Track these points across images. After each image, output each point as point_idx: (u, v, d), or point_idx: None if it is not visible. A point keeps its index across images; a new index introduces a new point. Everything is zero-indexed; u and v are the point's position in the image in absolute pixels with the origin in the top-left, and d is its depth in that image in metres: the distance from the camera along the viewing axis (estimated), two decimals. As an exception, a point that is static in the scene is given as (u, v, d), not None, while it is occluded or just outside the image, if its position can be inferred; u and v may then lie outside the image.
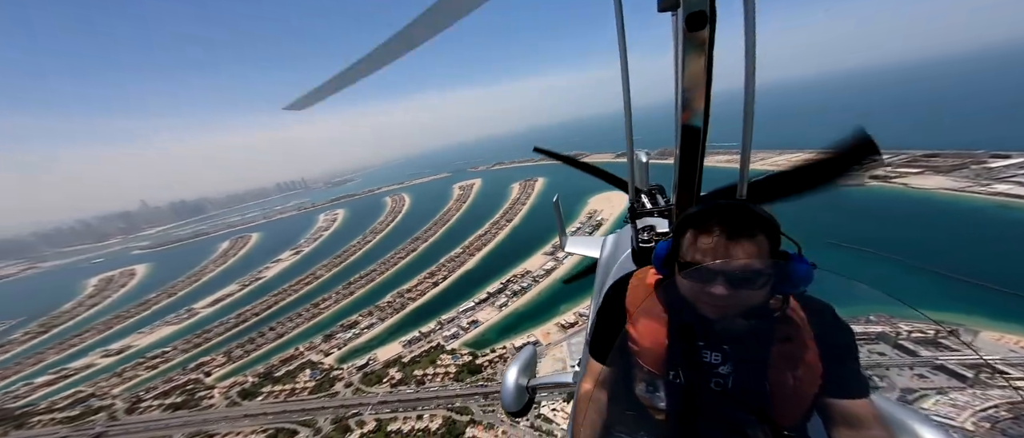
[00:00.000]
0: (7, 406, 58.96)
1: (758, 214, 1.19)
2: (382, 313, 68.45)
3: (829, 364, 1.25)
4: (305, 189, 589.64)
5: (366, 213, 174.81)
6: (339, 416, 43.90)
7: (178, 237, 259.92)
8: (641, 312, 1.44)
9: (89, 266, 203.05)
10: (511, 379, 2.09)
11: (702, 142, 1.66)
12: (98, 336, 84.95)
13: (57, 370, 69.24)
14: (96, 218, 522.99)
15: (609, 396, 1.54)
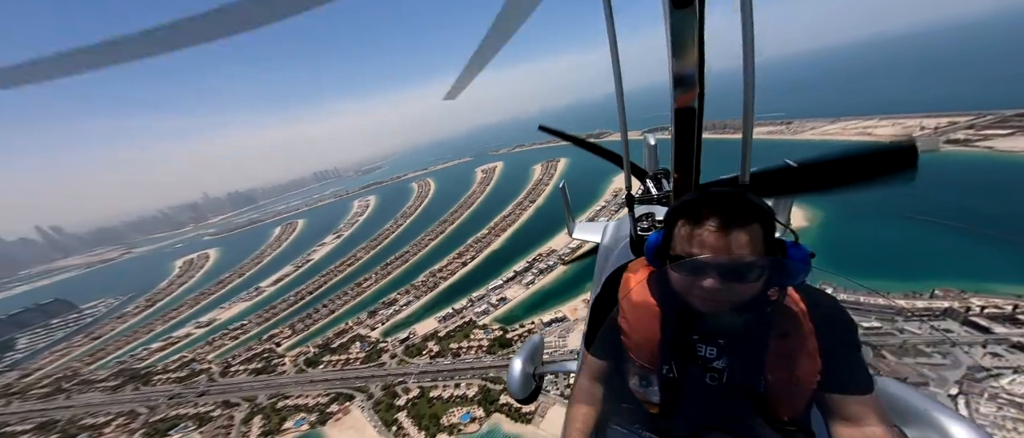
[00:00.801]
0: (134, 366, 73.83)
1: (752, 203, 1.13)
2: (417, 291, 74.34)
3: (829, 358, 1.21)
4: (338, 177, 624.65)
5: (395, 198, 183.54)
6: (387, 383, 49.81)
7: (238, 224, 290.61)
8: (633, 305, 1.43)
9: (172, 250, 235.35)
10: (517, 367, 2.11)
11: (698, 125, 1.60)
12: (190, 310, 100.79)
13: (165, 338, 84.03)
14: (171, 208, 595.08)
15: (604, 389, 1.56)
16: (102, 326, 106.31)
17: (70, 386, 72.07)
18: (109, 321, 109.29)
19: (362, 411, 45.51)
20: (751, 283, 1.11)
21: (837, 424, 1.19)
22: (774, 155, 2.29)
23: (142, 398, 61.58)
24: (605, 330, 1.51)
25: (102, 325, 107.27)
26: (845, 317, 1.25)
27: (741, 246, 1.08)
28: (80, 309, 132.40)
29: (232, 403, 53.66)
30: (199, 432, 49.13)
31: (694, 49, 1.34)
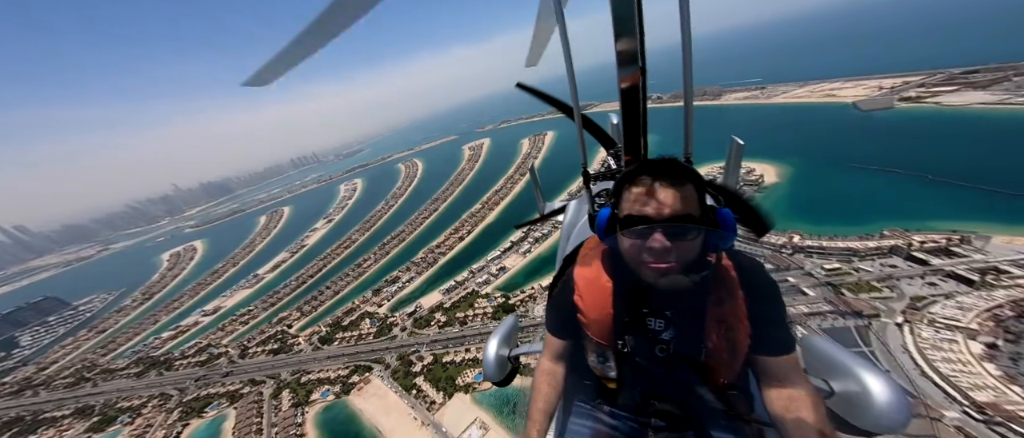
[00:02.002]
0: (151, 354, 76.68)
1: (685, 166, 1.23)
2: (418, 268, 78.07)
3: (758, 321, 1.30)
4: (318, 163, 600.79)
5: (383, 180, 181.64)
6: (402, 354, 54.34)
7: (219, 215, 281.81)
8: (587, 283, 1.48)
9: (154, 245, 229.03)
10: (492, 350, 2.06)
11: (642, 101, 1.65)
12: (191, 300, 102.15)
13: (174, 328, 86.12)
14: (140, 202, 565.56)
15: (565, 368, 1.62)
16: (104, 320, 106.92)
17: (93, 375, 74.85)
18: (110, 315, 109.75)
19: (382, 380, 49.77)
20: (691, 241, 1.19)
21: (766, 384, 1.31)
22: (746, 120, 3.77)
23: (169, 382, 65.13)
24: (562, 310, 1.55)
25: (103, 319, 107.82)
26: (770, 281, 1.36)
27: (679, 203, 1.16)
28: (74, 306, 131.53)
29: (258, 381, 58.00)
30: (233, 407, 53.61)
31: (636, 31, 1.41)
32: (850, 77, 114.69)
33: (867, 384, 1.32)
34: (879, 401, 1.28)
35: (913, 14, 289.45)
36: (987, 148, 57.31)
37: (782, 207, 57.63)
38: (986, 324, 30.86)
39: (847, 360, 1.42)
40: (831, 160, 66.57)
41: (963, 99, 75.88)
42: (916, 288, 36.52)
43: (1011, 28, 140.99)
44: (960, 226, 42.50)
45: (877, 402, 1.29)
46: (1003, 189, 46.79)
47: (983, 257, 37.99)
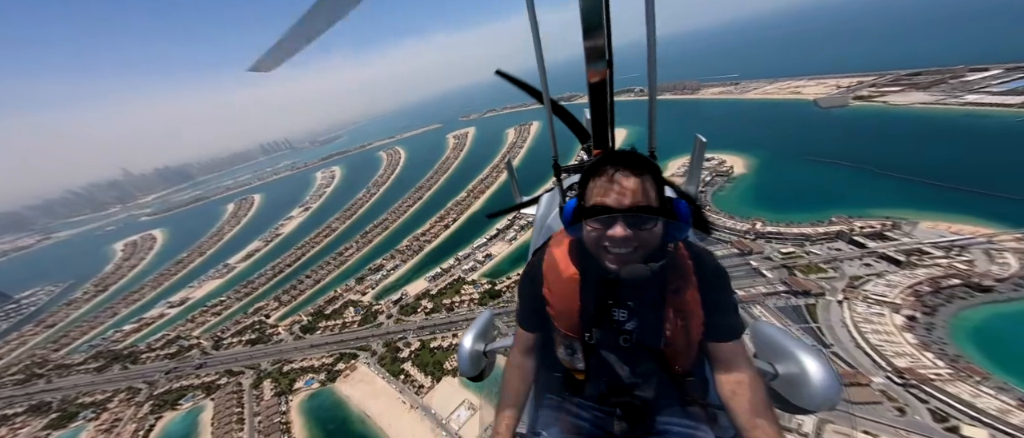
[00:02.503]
0: (112, 348, 71.88)
1: (646, 159, 1.30)
2: (403, 256, 77.45)
3: (710, 309, 1.37)
4: (291, 149, 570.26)
5: (363, 168, 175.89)
6: (388, 340, 54.41)
7: (179, 202, 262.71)
8: (556, 275, 1.51)
9: (104, 234, 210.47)
10: (467, 345, 2.05)
11: (609, 95, 1.72)
12: (154, 291, 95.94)
13: (137, 320, 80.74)
14: (84, 188, 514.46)
15: (535, 361, 1.66)
16: (52, 314, 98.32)
17: (45, 371, 69.40)
18: (58, 309, 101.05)
19: (368, 366, 49.65)
20: (651, 230, 1.25)
21: (717, 369, 1.40)
22: (720, 113, 4.48)
23: (135, 375, 61.61)
24: (532, 303, 1.59)
25: (51, 313, 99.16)
26: (721, 269, 1.43)
27: (639, 193, 1.23)
28: (16, 299, 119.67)
29: (235, 371, 56.27)
30: (210, 399, 51.94)
31: (603, 29, 1.46)
32: (814, 75, 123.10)
33: (806, 367, 1.43)
34: (815, 382, 1.39)
35: (883, 14, 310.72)
36: (922, 144, 64.36)
37: (748, 196, 61.78)
38: (908, 299, 35.21)
39: (790, 344, 1.55)
40: (792, 153, 72.21)
41: (906, 99, 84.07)
42: (855, 269, 40.86)
43: (963, 30, 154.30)
44: (894, 213, 47.76)
45: (813, 383, 1.39)
46: (932, 180, 52.95)
47: (910, 240, 42.96)
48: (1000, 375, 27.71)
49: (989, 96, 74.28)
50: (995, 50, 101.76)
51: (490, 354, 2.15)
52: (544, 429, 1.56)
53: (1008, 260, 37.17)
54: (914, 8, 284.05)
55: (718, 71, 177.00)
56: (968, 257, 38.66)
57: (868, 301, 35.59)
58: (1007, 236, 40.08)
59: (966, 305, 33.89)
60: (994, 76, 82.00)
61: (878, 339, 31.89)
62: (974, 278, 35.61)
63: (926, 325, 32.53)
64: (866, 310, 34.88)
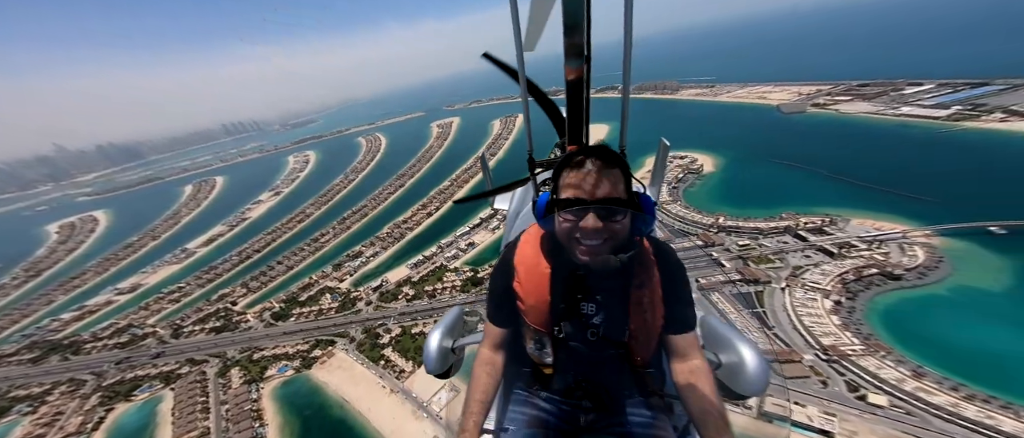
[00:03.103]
0: (49, 338, 64.64)
1: (615, 154, 1.37)
2: (383, 243, 75.46)
3: (669, 303, 1.44)
4: (259, 131, 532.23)
5: (341, 153, 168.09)
6: (368, 327, 53.11)
7: (126, 183, 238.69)
8: (527, 269, 1.53)
9: (34, 214, 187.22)
10: (434, 341, 1.97)
11: (585, 93, 1.73)
12: (98, 277, 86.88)
13: (78, 307, 72.93)
14: (7, 164, 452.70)
15: (504, 357, 1.64)
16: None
17: None
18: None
19: (347, 353, 48.22)
20: (620, 222, 1.30)
21: (672, 359, 1.47)
22: (695, 114, 5.10)
23: (79, 366, 55.87)
24: (502, 297, 1.60)
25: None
26: (680, 264, 1.49)
27: (609, 186, 1.28)
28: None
29: (198, 360, 52.78)
30: (170, 388, 48.43)
31: (584, 28, 1.47)
32: (780, 82, 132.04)
33: (744, 357, 1.54)
34: (751, 371, 1.51)
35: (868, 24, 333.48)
36: (861, 149, 71.87)
37: (715, 193, 66.25)
38: (836, 286, 39.70)
39: (732, 337, 1.64)
40: (755, 155, 77.86)
41: (854, 108, 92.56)
42: (797, 260, 45.38)
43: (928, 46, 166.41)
44: (832, 211, 53.33)
45: (750, 372, 1.51)
46: (864, 183, 59.51)
47: (843, 235, 48.31)
48: (900, 350, 32.03)
49: (919, 109, 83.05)
50: (942, 66, 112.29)
51: (458, 350, 2.08)
52: (511, 424, 1.60)
53: (916, 253, 42.58)
54: (893, 22, 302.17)
55: (697, 73, 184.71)
56: (885, 250, 43.96)
57: (805, 288, 39.79)
58: (917, 232, 46.11)
59: (879, 291, 38.51)
60: (926, 91, 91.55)
61: (810, 321, 35.46)
62: (888, 268, 40.56)
63: (848, 308, 36.79)
64: (803, 296, 38.95)
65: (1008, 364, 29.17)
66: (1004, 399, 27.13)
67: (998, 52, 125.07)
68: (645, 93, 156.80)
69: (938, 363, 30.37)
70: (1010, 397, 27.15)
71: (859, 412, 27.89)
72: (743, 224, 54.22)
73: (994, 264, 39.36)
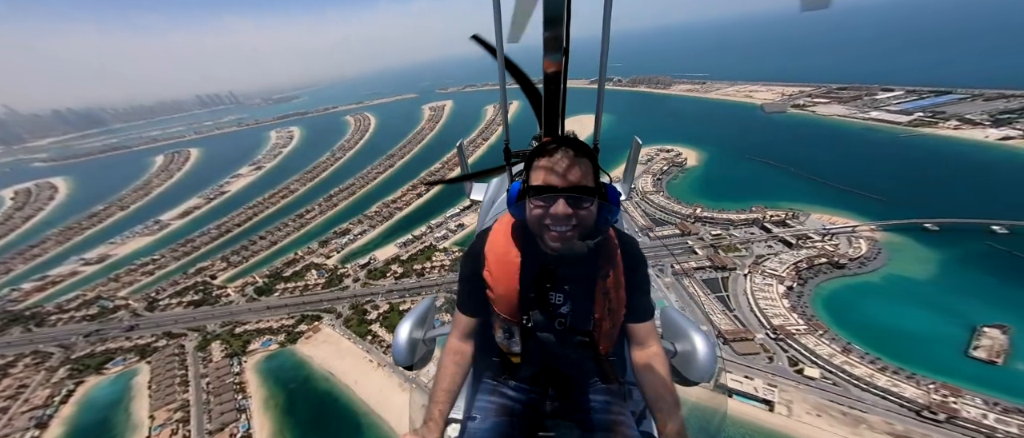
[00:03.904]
0: (9, 308, 59.83)
1: (585, 145, 1.42)
2: (371, 221, 73.74)
3: (632, 293, 1.49)
4: (237, 104, 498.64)
5: (327, 131, 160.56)
6: (355, 303, 52.32)
7: (87, 150, 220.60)
8: (497, 257, 1.53)
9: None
10: (404, 331, 1.90)
11: (562, 86, 1.72)
12: (61, 247, 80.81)
13: (40, 277, 67.83)
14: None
15: (473, 346, 1.62)
16: (-86, 270, 79.08)
17: None
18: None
19: (333, 328, 47.44)
20: (588, 210, 1.34)
21: (632, 348, 1.53)
22: (685, 109, 5.06)
23: (44, 338, 52.30)
24: (472, 286, 1.58)
25: (-86, 269, 79.69)
26: (642, 255, 1.55)
27: (579, 175, 1.32)
28: None
29: (176, 334, 50.65)
30: (146, 361, 46.26)
31: (564, 21, 1.45)
32: (767, 81, 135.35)
33: (696, 346, 1.62)
34: (701, 359, 1.60)
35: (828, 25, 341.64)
36: (829, 150, 75.85)
37: (696, 185, 68.87)
38: (790, 273, 43.13)
39: (688, 328, 1.71)
40: (736, 151, 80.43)
41: (829, 110, 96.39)
42: (761, 249, 48.52)
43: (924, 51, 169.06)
44: (795, 205, 56.88)
45: (700, 360, 1.60)
46: (826, 180, 63.44)
47: (802, 228, 51.93)
48: (835, 329, 35.34)
49: (887, 113, 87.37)
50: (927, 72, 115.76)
51: (429, 341, 2.04)
52: (478, 413, 1.60)
53: (861, 245, 46.06)
54: (891, 26, 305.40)
55: (691, 69, 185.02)
56: (836, 242, 47.70)
57: (764, 274, 43.04)
58: (864, 227, 50.08)
59: (825, 278, 41.97)
60: (896, 96, 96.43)
61: (765, 304, 38.60)
62: (835, 258, 43.91)
63: (797, 293, 40.31)
64: (761, 281, 42.18)
65: (916, 340, 32.94)
66: (909, 370, 30.64)
67: (960, 61, 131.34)
68: (639, 87, 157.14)
69: (863, 340, 33.64)
70: (914, 368, 30.73)
71: (796, 384, 30.71)
72: (717, 215, 57.02)
73: (923, 256, 43.37)
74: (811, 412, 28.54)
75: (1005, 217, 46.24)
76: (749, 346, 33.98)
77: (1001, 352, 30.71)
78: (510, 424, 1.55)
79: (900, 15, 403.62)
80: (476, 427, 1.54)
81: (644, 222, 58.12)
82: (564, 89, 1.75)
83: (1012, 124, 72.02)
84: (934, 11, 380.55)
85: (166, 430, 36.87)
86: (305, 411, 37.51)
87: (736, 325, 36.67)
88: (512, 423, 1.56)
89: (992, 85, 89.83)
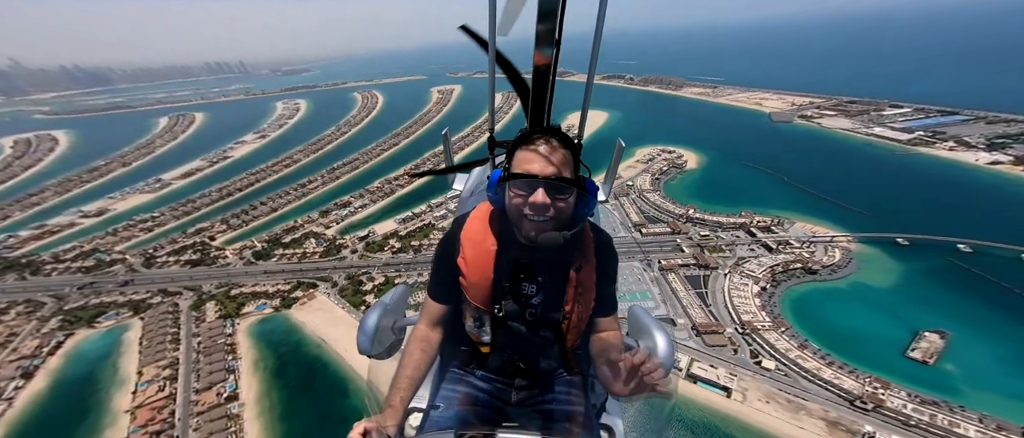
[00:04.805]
0: (5, 254, 57.54)
1: (567, 136, 1.40)
2: (373, 196, 71.86)
3: (602, 287, 1.49)
4: (245, 73, 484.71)
5: (334, 106, 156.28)
6: (352, 274, 51.28)
7: (89, 107, 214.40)
8: (473, 245, 1.48)
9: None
10: (373, 319, 1.71)
11: (551, 79, 1.67)
12: (60, 197, 78.35)
13: (38, 226, 65.67)
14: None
15: (441, 334, 1.57)
16: (-90, 209, 76.35)
17: None
18: (-81, 205, 78.70)
19: (328, 297, 46.40)
20: (566, 200, 1.32)
21: (595, 339, 1.54)
22: (692, 112, 3.99)
23: (37, 287, 50.62)
24: (445, 273, 1.53)
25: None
26: (614, 249, 1.54)
27: (559, 165, 1.30)
28: None
29: (172, 292, 49.14)
30: (139, 317, 44.83)
31: (557, 15, 1.42)
32: (779, 90, 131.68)
33: (656, 343, 1.57)
34: (659, 356, 1.53)
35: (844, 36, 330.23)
36: (825, 162, 74.83)
37: (692, 187, 68.24)
38: (766, 275, 44.31)
39: (650, 325, 1.65)
40: (736, 157, 79.06)
41: (835, 123, 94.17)
42: (743, 251, 49.17)
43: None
44: (782, 213, 57.02)
45: (658, 357, 1.53)
46: (815, 191, 63.26)
47: (785, 234, 52.47)
48: (796, 327, 36.91)
49: (889, 130, 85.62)
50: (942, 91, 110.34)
51: (398, 331, 1.90)
52: (442, 401, 1.53)
53: (836, 254, 47.24)
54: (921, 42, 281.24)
55: (709, 72, 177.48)
56: (813, 249, 48.80)
57: (742, 275, 43.83)
58: (842, 237, 50.90)
59: (797, 282, 43.32)
60: (902, 113, 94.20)
61: (739, 302, 39.93)
62: (810, 264, 45.14)
63: (769, 294, 41.59)
64: (738, 281, 42.99)
65: (864, 341, 35.00)
66: (852, 365, 32.59)
67: (973, 80, 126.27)
68: (650, 86, 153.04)
69: (818, 338, 35.51)
70: (856, 364, 32.72)
71: (753, 374, 32.54)
72: (708, 217, 57.27)
73: (889, 267, 44.76)
74: (762, 399, 30.38)
75: (972, 236, 47.25)
76: (718, 339, 35.51)
77: (935, 354, 32.94)
78: (474, 413, 1.50)
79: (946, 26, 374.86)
80: (439, 416, 1.48)
81: (638, 218, 57.98)
82: (553, 83, 1.69)
83: (1005, 149, 71.18)
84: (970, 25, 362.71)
85: (153, 386, 35.79)
86: (295, 374, 36.66)
87: (709, 319, 37.93)
88: (476, 412, 1.50)
89: (1002, 109, 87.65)
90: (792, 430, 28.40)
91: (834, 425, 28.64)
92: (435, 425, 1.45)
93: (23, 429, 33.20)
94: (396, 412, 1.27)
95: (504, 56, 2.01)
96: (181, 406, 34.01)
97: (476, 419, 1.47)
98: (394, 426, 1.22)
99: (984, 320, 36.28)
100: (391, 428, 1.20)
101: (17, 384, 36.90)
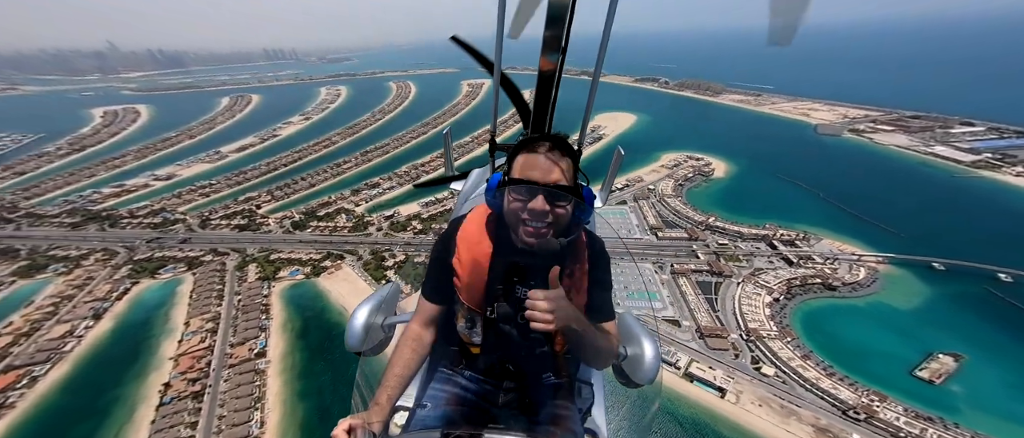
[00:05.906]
0: (89, 207, 64.34)
1: (569, 145, 1.36)
2: (400, 180, 72.84)
3: (595, 293, 1.44)
4: (296, 60, 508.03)
5: (371, 93, 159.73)
6: (376, 249, 52.45)
7: (166, 85, 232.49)
8: (469, 247, 1.44)
9: (81, 98, 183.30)
10: (362, 316, 1.75)
11: (555, 85, 1.62)
12: (136, 162, 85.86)
13: (118, 185, 72.54)
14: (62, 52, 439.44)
15: (433, 334, 1.52)
16: (22, 161, 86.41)
17: (14, 217, 61.76)
18: (29, 158, 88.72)
19: (353, 269, 47.83)
20: (564, 208, 1.27)
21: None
22: (727, 119, 2.78)
23: (113, 238, 55.91)
24: (440, 273, 1.49)
25: (22, 160, 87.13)
26: (607, 256, 1.45)
27: (560, 173, 1.25)
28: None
29: (221, 252, 52.44)
30: (191, 273, 48.34)
31: (565, 23, 1.38)
32: (831, 101, 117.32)
33: (644, 350, 1.57)
34: (646, 363, 1.56)
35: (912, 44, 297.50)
36: (867, 179, 66.51)
37: (716, 196, 63.72)
38: (780, 287, 41.71)
39: (639, 332, 1.65)
40: (769, 168, 72.26)
41: (890, 139, 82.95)
42: (761, 263, 46.48)
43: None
44: (810, 229, 52.37)
45: (645, 363, 1.57)
46: (850, 209, 56.87)
47: (809, 250, 48.66)
48: (802, 338, 35.44)
49: (951, 150, 74.87)
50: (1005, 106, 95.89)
51: (387, 328, 1.87)
52: (429, 401, 1.48)
53: (860, 272, 43.85)
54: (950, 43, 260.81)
55: (757, 79, 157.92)
56: (835, 266, 45.33)
57: (756, 285, 41.93)
58: (870, 257, 46.56)
59: (814, 296, 41.07)
60: (973, 132, 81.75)
61: (748, 310, 38.66)
62: (830, 280, 42.39)
63: (781, 305, 39.44)
64: (751, 290, 41.24)
65: (871, 357, 33.27)
66: (852, 378, 31.36)
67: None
68: (685, 91, 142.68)
69: (824, 350, 34.03)
70: (857, 377, 31.47)
71: (751, 378, 31.91)
72: (729, 227, 54.05)
73: (916, 290, 41.08)
74: (755, 402, 29.90)
75: (1019, 266, 42.29)
76: (721, 343, 34.83)
77: (944, 375, 30.86)
78: (461, 413, 1.46)
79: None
80: (425, 415, 1.44)
81: (655, 222, 55.74)
82: (556, 89, 1.64)
83: (1085, 181, 60.44)
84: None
85: (196, 337, 38.28)
86: (316, 338, 38.02)
87: (715, 323, 37.08)
88: (463, 413, 1.46)
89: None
90: (779, 433, 27.78)
91: (822, 432, 27.89)
92: (421, 424, 1.40)
93: (88, 365, 36.65)
94: (383, 410, 1.24)
95: (506, 77, 1.84)
96: (217, 357, 36.12)
97: (462, 419, 1.42)
98: (379, 424, 1.17)
99: (1006, 349, 33.03)
100: (376, 425, 1.15)
101: (88, 324, 40.67)
